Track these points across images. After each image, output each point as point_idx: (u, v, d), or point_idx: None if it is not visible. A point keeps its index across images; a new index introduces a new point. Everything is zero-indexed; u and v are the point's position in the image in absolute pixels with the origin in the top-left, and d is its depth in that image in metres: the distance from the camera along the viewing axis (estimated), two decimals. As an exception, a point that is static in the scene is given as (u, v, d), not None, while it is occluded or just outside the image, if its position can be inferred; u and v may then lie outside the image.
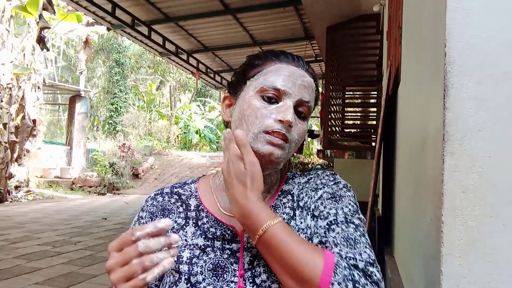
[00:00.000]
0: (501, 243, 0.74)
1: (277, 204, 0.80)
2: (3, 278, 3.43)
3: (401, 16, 2.24)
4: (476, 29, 0.76)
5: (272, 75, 0.77)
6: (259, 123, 0.74)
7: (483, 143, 0.75)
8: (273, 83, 0.76)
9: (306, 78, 0.79)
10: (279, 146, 0.74)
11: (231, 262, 0.74)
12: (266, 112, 0.74)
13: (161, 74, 23.24)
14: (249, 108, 0.75)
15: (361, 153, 6.89)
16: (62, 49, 19.68)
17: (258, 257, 0.74)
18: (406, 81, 1.91)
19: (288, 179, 0.85)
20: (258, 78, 0.78)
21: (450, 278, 0.75)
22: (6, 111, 9.07)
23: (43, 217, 7.07)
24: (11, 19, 9.38)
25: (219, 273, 0.73)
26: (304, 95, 0.77)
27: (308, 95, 0.78)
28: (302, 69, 0.79)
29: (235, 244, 0.76)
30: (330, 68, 5.89)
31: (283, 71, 0.77)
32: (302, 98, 0.76)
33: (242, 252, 0.75)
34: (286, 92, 0.75)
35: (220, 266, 0.74)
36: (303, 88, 0.77)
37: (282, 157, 0.75)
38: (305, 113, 0.78)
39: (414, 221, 1.30)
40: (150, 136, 19.40)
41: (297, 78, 0.77)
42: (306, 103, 0.77)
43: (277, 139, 0.73)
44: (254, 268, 0.74)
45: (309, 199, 0.79)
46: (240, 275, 0.73)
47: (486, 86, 0.75)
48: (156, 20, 7.39)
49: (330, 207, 0.75)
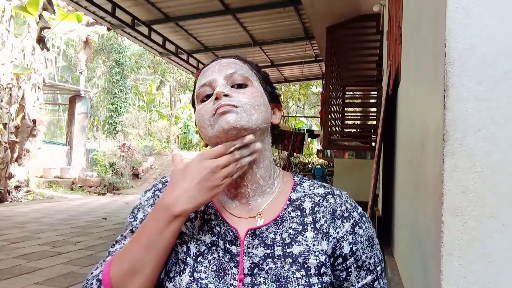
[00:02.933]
0: (501, 243, 0.74)
1: (284, 216, 0.79)
2: (3, 278, 3.43)
3: (401, 16, 2.24)
4: (476, 29, 0.76)
5: (198, 81, 0.83)
6: (206, 115, 0.77)
7: (483, 143, 0.75)
8: (199, 84, 0.81)
9: (223, 61, 0.83)
10: (229, 111, 0.74)
11: (231, 266, 0.75)
12: (207, 105, 0.78)
13: (161, 74, 23.23)
14: (197, 115, 0.80)
15: (361, 153, 6.89)
16: (62, 49, 19.67)
17: (259, 266, 0.74)
18: (406, 81, 1.91)
19: (296, 185, 0.84)
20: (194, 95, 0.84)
21: (450, 278, 0.75)
22: (6, 111, 9.07)
23: (43, 217, 7.07)
24: (11, 19, 9.38)
25: (221, 274, 0.74)
26: (226, 70, 0.80)
27: (232, 68, 0.81)
28: (218, 60, 0.85)
29: (235, 247, 0.76)
30: (330, 68, 5.89)
31: (203, 72, 0.84)
32: (226, 72, 0.80)
33: (242, 256, 0.75)
34: (212, 80, 0.80)
35: (222, 268, 0.75)
36: (223, 67, 0.81)
37: (243, 119, 0.75)
38: (243, 82, 0.80)
39: (414, 221, 1.30)
40: (150, 136, 19.40)
41: (214, 66, 0.82)
42: (234, 73, 0.80)
43: (222, 108, 0.75)
44: (254, 276, 0.73)
45: (326, 222, 0.77)
46: (239, 279, 0.73)
47: (486, 86, 0.75)
48: (156, 20, 7.39)
49: (370, 256, 0.79)
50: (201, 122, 0.79)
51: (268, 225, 0.77)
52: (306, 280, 0.72)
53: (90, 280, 0.73)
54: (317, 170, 9.63)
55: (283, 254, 0.74)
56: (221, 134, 0.74)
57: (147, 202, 0.84)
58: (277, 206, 0.80)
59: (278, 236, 0.76)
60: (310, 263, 0.74)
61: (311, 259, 0.74)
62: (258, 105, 0.78)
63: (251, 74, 0.82)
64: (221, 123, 0.74)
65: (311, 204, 0.80)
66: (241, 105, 0.76)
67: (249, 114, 0.76)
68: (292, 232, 0.77)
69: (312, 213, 0.79)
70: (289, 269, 0.73)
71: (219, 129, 0.74)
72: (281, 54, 9.62)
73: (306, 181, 0.85)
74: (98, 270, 0.74)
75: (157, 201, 0.74)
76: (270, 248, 0.75)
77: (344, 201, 0.80)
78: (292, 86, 17.79)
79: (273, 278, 0.72)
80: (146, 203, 0.84)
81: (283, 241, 0.75)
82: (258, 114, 0.77)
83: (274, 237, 0.76)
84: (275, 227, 0.77)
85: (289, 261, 0.74)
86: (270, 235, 0.76)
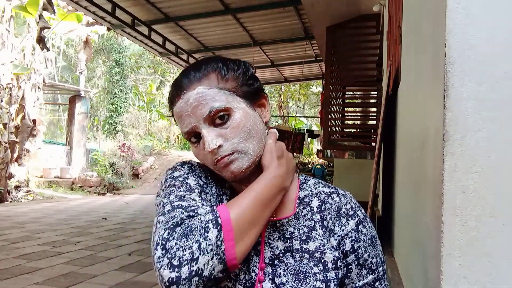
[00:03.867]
0: (501, 243, 0.74)
1: (298, 214, 0.81)
2: (3, 278, 3.43)
3: (401, 16, 2.24)
4: (476, 29, 0.76)
5: (178, 122, 0.80)
6: (206, 161, 0.80)
7: (483, 143, 0.75)
8: (182, 130, 0.80)
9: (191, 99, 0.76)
10: (231, 162, 0.76)
11: (252, 254, 0.76)
12: (201, 151, 0.79)
13: (161, 74, 23.23)
14: (197, 156, 0.82)
15: (361, 153, 6.89)
16: (62, 49, 19.66)
17: (280, 258, 0.76)
18: (406, 81, 1.91)
19: (302, 183, 0.86)
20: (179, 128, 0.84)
21: (450, 278, 0.75)
22: (6, 111, 9.07)
23: (43, 217, 7.07)
24: (11, 19, 9.39)
25: (243, 261, 0.74)
26: (200, 111, 0.75)
27: (204, 106, 0.75)
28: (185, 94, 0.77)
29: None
30: (330, 68, 5.89)
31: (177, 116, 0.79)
32: (203, 115, 0.75)
33: (263, 246, 0.77)
34: (192, 127, 0.77)
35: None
36: (195, 109, 0.76)
37: (244, 161, 0.76)
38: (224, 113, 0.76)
39: (414, 221, 1.30)
40: (150, 136, 19.40)
41: (186, 108, 0.76)
42: (210, 112, 0.75)
43: (222, 161, 0.76)
44: (275, 267, 0.76)
45: (331, 219, 0.80)
46: (260, 267, 0.75)
47: (486, 86, 0.75)
48: (156, 20, 7.39)
49: (372, 255, 0.80)
50: (202, 161, 0.81)
51: (289, 218, 0.80)
52: (323, 275, 0.74)
53: (201, 224, 0.67)
54: (317, 170, 9.63)
55: (301, 249, 0.77)
56: (231, 179, 0.79)
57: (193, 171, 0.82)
58: (289, 202, 0.82)
59: (296, 231, 0.79)
60: (326, 258, 0.76)
61: (327, 254, 0.76)
62: (249, 132, 0.77)
63: (225, 97, 0.76)
64: (227, 174, 0.77)
65: (318, 202, 0.82)
66: (235, 149, 0.76)
67: (246, 153, 0.76)
68: (306, 230, 0.79)
69: (320, 211, 0.81)
70: (307, 264, 0.75)
71: (227, 177, 0.78)
72: (281, 54, 9.62)
73: (311, 180, 0.87)
74: (209, 216, 0.68)
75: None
76: (289, 242, 0.78)
77: (348, 200, 0.82)
78: (292, 86, 17.80)
79: (292, 272, 0.75)
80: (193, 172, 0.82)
81: (300, 236, 0.78)
82: (253, 145, 0.77)
83: (293, 231, 0.79)
84: (295, 221, 0.80)
85: (307, 256, 0.76)
86: (290, 228, 0.79)
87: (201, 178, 0.82)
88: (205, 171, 0.84)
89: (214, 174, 0.84)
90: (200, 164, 0.85)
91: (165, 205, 0.73)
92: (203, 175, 0.83)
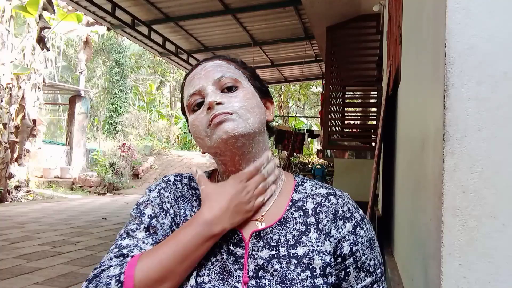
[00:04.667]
0: (501, 243, 0.74)
1: (288, 217, 0.78)
2: (3, 278, 3.43)
3: (401, 16, 2.24)
4: (476, 29, 0.76)
5: (185, 90, 0.81)
6: (201, 126, 0.76)
7: (483, 143, 0.75)
8: (188, 93, 0.79)
9: (207, 64, 0.81)
10: (225, 120, 0.74)
11: (236, 268, 0.74)
12: (199, 115, 0.77)
13: (161, 74, 23.24)
14: (192, 126, 0.79)
15: (361, 153, 6.90)
16: (62, 49, 19.65)
17: (264, 268, 0.73)
18: (406, 81, 1.91)
19: (297, 185, 0.84)
20: (184, 105, 0.82)
21: (450, 278, 0.75)
22: (6, 111, 9.07)
23: (43, 217, 7.07)
24: (11, 19, 9.39)
25: (225, 277, 0.73)
26: (213, 75, 0.78)
27: (218, 72, 0.79)
28: (202, 64, 0.82)
29: (240, 249, 0.75)
30: (330, 68, 5.89)
31: (188, 81, 0.81)
32: (214, 78, 0.78)
33: (247, 259, 0.74)
34: (200, 89, 0.78)
35: (226, 271, 0.74)
36: (208, 73, 0.79)
37: (240, 126, 0.74)
38: (232, 84, 0.78)
39: (414, 221, 1.30)
40: (150, 136, 19.40)
41: (199, 72, 0.80)
42: (221, 77, 0.78)
43: (219, 117, 0.74)
44: (259, 279, 0.73)
45: (328, 223, 0.77)
46: (244, 282, 0.72)
47: (486, 86, 0.75)
48: (156, 20, 7.39)
49: (371, 257, 0.78)
50: (196, 133, 0.78)
51: (272, 227, 0.77)
52: (311, 282, 0.72)
53: (106, 280, 0.67)
54: (317, 170, 9.63)
55: (288, 254, 0.74)
56: (220, 145, 0.74)
57: (154, 200, 0.83)
58: (280, 207, 0.80)
59: (282, 237, 0.76)
60: (315, 264, 0.73)
61: (316, 260, 0.74)
62: (252, 107, 0.77)
63: (239, 74, 0.80)
64: (218, 134, 0.74)
65: (314, 204, 0.79)
66: (235, 111, 0.75)
67: (245, 119, 0.75)
68: (296, 234, 0.76)
69: (314, 213, 0.78)
70: (294, 270, 0.72)
71: (218, 139, 0.74)
72: (281, 54, 9.62)
73: (308, 182, 0.85)
74: (117, 270, 0.69)
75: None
76: (275, 249, 0.75)
77: (346, 201, 0.80)
78: (292, 86, 17.80)
79: (278, 280, 0.72)
80: (154, 201, 0.82)
81: (287, 242, 0.75)
82: (253, 118, 0.76)
83: (278, 238, 0.76)
84: (279, 229, 0.77)
85: (294, 262, 0.73)
86: (274, 236, 0.76)
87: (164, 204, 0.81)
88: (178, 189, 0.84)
89: (191, 191, 0.84)
90: (176, 180, 0.85)
91: (116, 238, 0.78)
92: (173, 195, 0.82)
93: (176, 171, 14.59)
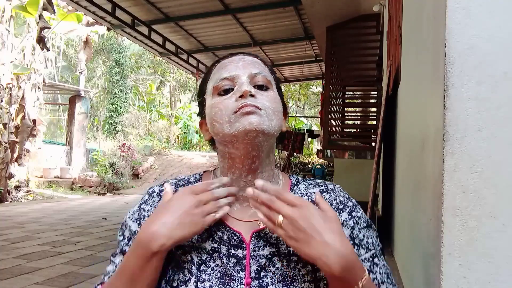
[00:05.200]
0: (501, 243, 0.74)
1: None
2: (3, 278, 3.43)
3: (401, 16, 2.24)
4: (476, 29, 0.76)
5: (217, 73, 0.81)
6: (225, 111, 0.75)
7: (483, 143, 0.75)
8: (220, 77, 0.79)
9: (246, 58, 0.82)
10: (253, 113, 0.73)
11: (238, 270, 0.74)
12: (227, 100, 0.76)
13: (161, 74, 23.23)
14: (213, 108, 0.78)
15: (361, 153, 6.90)
16: (62, 49, 19.65)
17: (266, 268, 0.74)
18: (406, 81, 1.91)
19: (293, 185, 0.84)
20: (209, 85, 0.81)
21: (450, 278, 0.75)
22: (6, 111, 9.07)
23: (43, 217, 7.07)
24: (11, 19, 9.38)
25: (226, 281, 0.73)
26: (251, 69, 0.79)
27: (256, 68, 0.80)
28: (240, 55, 0.83)
29: (241, 251, 0.75)
30: (330, 68, 5.89)
31: (224, 64, 0.81)
32: (251, 71, 0.79)
33: (249, 260, 0.74)
34: (234, 76, 0.78)
35: (227, 274, 0.74)
36: (247, 65, 0.80)
37: (265, 124, 0.74)
38: (265, 84, 0.79)
39: (414, 221, 1.30)
40: (150, 136, 19.40)
41: (238, 61, 0.81)
42: (258, 74, 0.79)
43: (247, 107, 0.74)
44: (262, 279, 0.73)
45: None
46: (246, 283, 0.72)
47: (486, 86, 0.75)
48: (156, 20, 7.39)
49: (368, 236, 0.78)
50: (217, 116, 0.76)
51: None
52: (312, 276, 0.73)
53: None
54: (317, 170, 9.63)
55: (288, 252, 0.74)
56: (241, 134, 0.73)
57: (131, 217, 0.83)
58: None
59: None
60: None
61: None
62: (278, 111, 0.78)
63: (271, 78, 0.82)
64: (243, 123, 0.73)
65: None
66: (264, 108, 0.75)
67: (270, 119, 0.76)
68: None
69: None
70: (295, 267, 0.73)
71: (240, 128, 0.73)
72: (281, 54, 9.62)
73: (302, 182, 0.86)
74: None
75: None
76: (275, 247, 0.75)
77: (337, 194, 0.82)
78: (292, 86, 17.79)
79: (279, 278, 0.72)
80: (130, 219, 0.83)
81: None
82: (276, 120, 0.77)
83: (277, 236, 0.76)
84: None
85: (294, 259, 0.74)
86: (274, 234, 0.76)
87: (142, 219, 0.81)
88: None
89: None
90: (161, 191, 0.84)
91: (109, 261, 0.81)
92: (153, 208, 0.82)
93: (176, 171, 14.61)
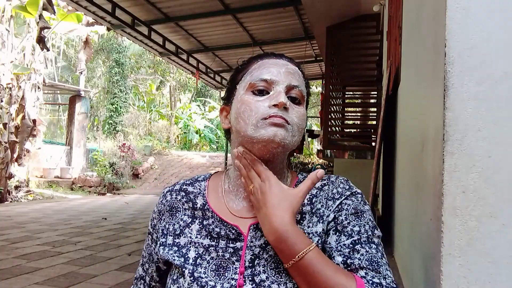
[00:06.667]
0: (501, 243, 0.74)
1: None
2: (3, 278, 3.43)
3: (401, 16, 2.24)
4: (476, 29, 0.76)
5: (257, 70, 0.80)
6: (255, 114, 0.76)
7: (483, 143, 0.75)
8: (260, 76, 0.79)
9: (290, 66, 0.82)
10: (281, 126, 0.75)
11: (233, 261, 0.76)
12: (260, 102, 0.77)
13: (161, 74, 23.23)
14: (243, 105, 0.78)
15: (361, 153, 6.88)
16: (62, 49, 19.65)
17: (259, 256, 0.75)
18: (406, 81, 1.91)
19: (299, 182, 0.86)
20: (246, 78, 0.81)
21: (450, 278, 0.75)
22: (6, 111, 9.07)
23: (43, 217, 7.07)
24: (11, 19, 9.38)
25: (221, 272, 0.75)
26: (291, 80, 0.80)
27: (296, 80, 0.80)
28: (284, 60, 0.83)
29: (239, 243, 0.77)
30: (330, 68, 5.89)
31: (267, 64, 0.81)
32: (291, 83, 0.79)
33: (245, 250, 0.76)
34: (274, 81, 0.78)
35: (222, 267, 0.75)
36: (289, 74, 0.80)
37: (287, 139, 0.76)
38: (299, 98, 0.80)
39: (414, 221, 1.30)
40: (150, 136, 19.40)
41: (281, 66, 0.81)
42: (296, 87, 0.80)
43: (277, 118, 0.75)
44: (255, 267, 0.75)
45: (322, 207, 0.79)
46: (240, 272, 0.74)
47: (486, 86, 0.75)
48: (156, 20, 7.39)
49: (354, 224, 0.76)
50: (245, 114, 0.77)
51: None
52: None
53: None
54: (317, 170, 9.61)
55: None
56: (262, 141, 0.75)
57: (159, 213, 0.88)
58: None
59: None
60: None
61: None
62: (302, 128, 0.80)
63: (305, 93, 0.83)
64: (269, 132, 0.74)
65: (309, 196, 0.81)
66: (292, 124, 0.77)
67: (293, 135, 0.77)
68: None
69: (310, 203, 0.80)
70: None
71: (264, 136, 0.74)
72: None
73: None
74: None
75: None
76: None
77: (337, 184, 0.82)
78: (292, 86, 17.77)
79: (272, 266, 0.74)
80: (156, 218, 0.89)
81: None
82: (298, 137, 0.79)
83: None
84: None
85: None
86: None
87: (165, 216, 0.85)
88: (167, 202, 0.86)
89: (190, 195, 0.85)
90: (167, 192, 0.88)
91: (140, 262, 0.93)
92: (172, 205, 0.85)
93: (176, 171, 14.60)
